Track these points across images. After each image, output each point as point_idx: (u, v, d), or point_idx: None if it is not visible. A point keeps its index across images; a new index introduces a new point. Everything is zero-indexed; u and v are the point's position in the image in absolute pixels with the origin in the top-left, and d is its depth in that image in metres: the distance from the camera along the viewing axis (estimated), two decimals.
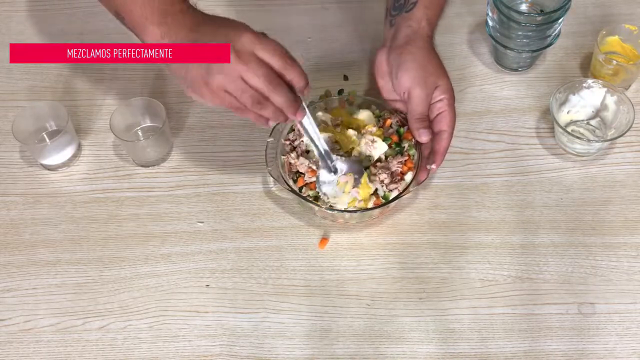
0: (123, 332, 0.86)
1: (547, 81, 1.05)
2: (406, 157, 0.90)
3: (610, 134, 0.96)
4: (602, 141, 0.96)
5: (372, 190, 0.88)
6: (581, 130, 0.98)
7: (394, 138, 0.92)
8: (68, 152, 0.98)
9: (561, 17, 0.96)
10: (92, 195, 0.97)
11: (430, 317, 0.86)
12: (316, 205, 0.87)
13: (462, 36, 1.10)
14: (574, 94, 0.97)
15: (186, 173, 0.98)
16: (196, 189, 0.97)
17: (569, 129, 0.97)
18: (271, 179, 0.94)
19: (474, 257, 0.90)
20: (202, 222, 0.94)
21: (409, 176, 0.89)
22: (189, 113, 1.03)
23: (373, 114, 0.94)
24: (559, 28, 1.00)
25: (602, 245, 0.90)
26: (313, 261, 0.90)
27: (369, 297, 0.87)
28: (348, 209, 0.87)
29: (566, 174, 0.96)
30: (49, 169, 0.99)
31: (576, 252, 0.89)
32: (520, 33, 0.98)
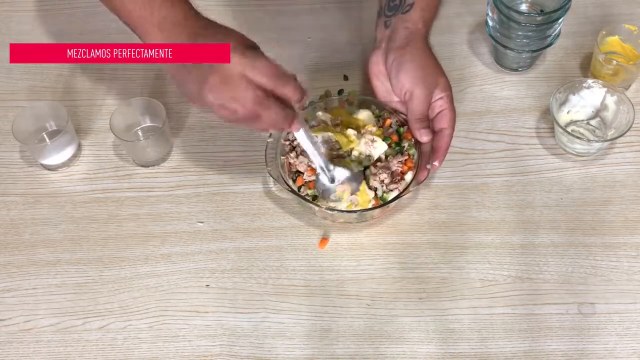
0: (123, 332, 0.86)
1: (547, 81, 1.05)
2: (406, 157, 0.90)
3: (610, 134, 0.96)
4: (602, 141, 0.96)
5: (371, 196, 0.88)
6: (581, 130, 0.98)
7: (394, 137, 0.92)
8: (68, 152, 0.98)
9: (561, 17, 0.96)
10: (92, 195, 0.97)
11: (430, 317, 0.86)
12: (316, 205, 0.87)
13: (462, 36, 1.10)
14: (574, 94, 0.97)
15: (186, 173, 0.98)
16: (196, 189, 0.97)
17: (569, 129, 0.97)
18: (271, 179, 0.94)
19: (474, 257, 0.90)
20: (202, 222, 0.94)
21: (409, 176, 0.89)
22: (189, 113, 1.03)
23: (373, 114, 0.94)
24: (559, 28, 1.00)
25: (602, 245, 0.90)
26: (313, 261, 0.90)
27: (369, 297, 0.87)
28: (348, 209, 0.87)
29: (566, 174, 0.96)
30: (49, 169, 0.99)
31: (576, 252, 0.89)
32: (520, 33, 0.98)
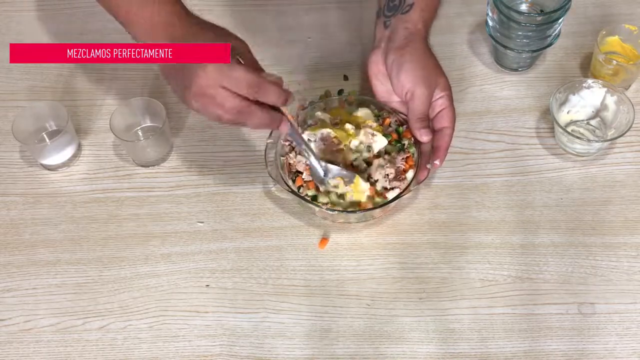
0: (123, 332, 0.86)
1: (547, 81, 1.05)
2: (408, 154, 0.90)
3: (610, 134, 0.96)
4: (602, 141, 0.96)
5: (366, 187, 0.87)
6: (581, 130, 0.98)
7: (394, 136, 0.92)
8: (68, 152, 0.98)
9: (561, 17, 0.96)
10: (92, 195, 0.97)
11: (430, 317, 0.86)
12: (316, 205, 0.87)
13: (462, 36, 1.10)
14: (574, 94, 0.97)
15: (186, 173, 0.98)
16: (196, 189, 0.97)
17: (569, 129, 0.97)
18: (271, 180, 0.94)
19: (474, 257, 0.90)
20: (202, 222, 0.94)
21: (410, 175, 0.89)
22: (189, 113, 1.03)
23: (372, 114, 0.94)
24: (559, 28, 1.00)
25: (602, 245, 0.90)
26: (313, 261, 0.90)
27: (369, 297, 0.87)
28: (348, 210, 0.87)
29: (566, 174, 0.96)
30: (49, 169, 0.99)
31: (576, 252, 0.89)
32: (520, 33, 0.98)
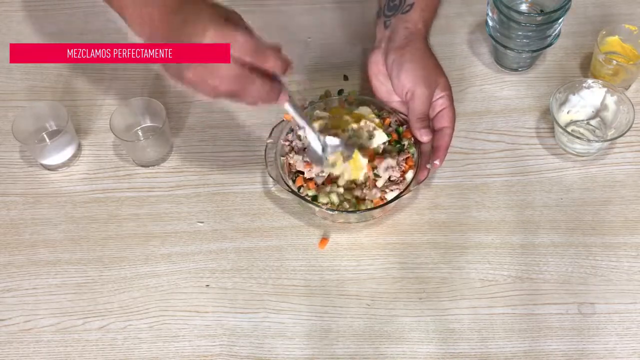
0: (123, 332, 0.86)
1: (547, 81, 1.05)
2: (407, 155, 0.91)
3: (610, 134, 0.96)
4: (602, 141, 0.96)
5: (364, 164, 0.87)
6: (581, 130, 0.98)
7: (394, 136, 0.92)
8: (68, 152, 0.98)
9: (561, 17, 0.96)
10: (92, 195, 0.97)
11: (430, 317, 0.86)
12: (316, 205, 0.87)
13: (462, 36, 1.10)
14: (574, 94, 0.97)
15: (186, 173, 0.98)
16: (196, 189, 0.97)
17: (569, 129, 0.97)
18: (271, 180, 0.94)
19: (474, 257, 0.90)
20: (202, 222, 0.94)
21: (410, 175, 0.89)
22: (189, 113, 1.03)
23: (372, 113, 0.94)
24: (559, 28, 1.00)
25: (602, 245, 0.90)
26: (313, 261, 0.90)
27: (369, 297, 0.87)
28: (348, 210, 0.87)
29: (566, 174, 0.96)
30: (49, 169, 0.99)
31: (576, 252, 0.89)
32: (520, 33, 0.98)
